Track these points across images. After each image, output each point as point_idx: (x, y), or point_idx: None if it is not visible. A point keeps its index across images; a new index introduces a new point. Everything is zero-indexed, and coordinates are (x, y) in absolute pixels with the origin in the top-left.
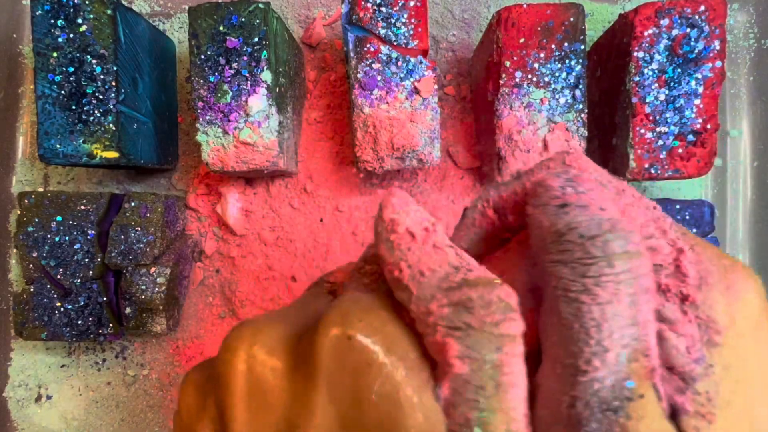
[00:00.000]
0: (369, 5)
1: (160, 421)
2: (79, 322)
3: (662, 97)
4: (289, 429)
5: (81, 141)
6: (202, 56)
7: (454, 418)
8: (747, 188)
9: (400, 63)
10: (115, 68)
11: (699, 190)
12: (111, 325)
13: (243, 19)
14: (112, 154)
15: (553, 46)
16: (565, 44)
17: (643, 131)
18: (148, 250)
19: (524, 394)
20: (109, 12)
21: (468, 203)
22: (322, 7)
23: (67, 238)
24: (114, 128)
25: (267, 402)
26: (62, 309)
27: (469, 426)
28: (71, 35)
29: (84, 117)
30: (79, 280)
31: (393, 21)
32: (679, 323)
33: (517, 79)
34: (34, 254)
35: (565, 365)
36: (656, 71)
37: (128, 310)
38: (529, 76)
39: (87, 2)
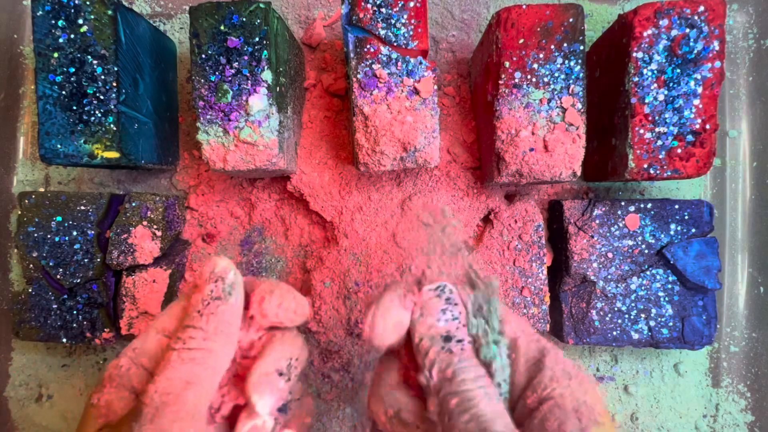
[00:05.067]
0: (369, 6)
1: None
2: (74, 325)
3: (661, 97)
4: None
5: (82, 141)
6: (203, 56)
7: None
8: (746, 188)
9: (400, 63)
10: (115, 69)
11: (698, 190)
12: (107, 329)
13: (244, 19)
14: (113, 155)
15: (552, 46)
16: (565, 45)
17: (642, 131)
18: (148, 250)
19: None
20: (109, 12)
21: (467, 203)
22: (322, 7)
23: (66, 238)
24: (115, 128)
25: None
26: (59, 311)
27: None
28: (72, 36)
29: (85, 117)
30: (78, 280)
31: (393, 22)
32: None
33: (517, 80)
34: (34, 254)
35: None
36: (655, 72)
37: (127, 310)
38: (529, 77)
39: (88, 3)
